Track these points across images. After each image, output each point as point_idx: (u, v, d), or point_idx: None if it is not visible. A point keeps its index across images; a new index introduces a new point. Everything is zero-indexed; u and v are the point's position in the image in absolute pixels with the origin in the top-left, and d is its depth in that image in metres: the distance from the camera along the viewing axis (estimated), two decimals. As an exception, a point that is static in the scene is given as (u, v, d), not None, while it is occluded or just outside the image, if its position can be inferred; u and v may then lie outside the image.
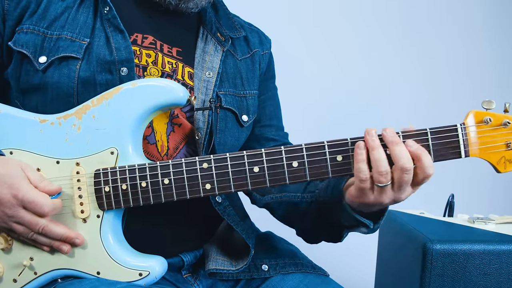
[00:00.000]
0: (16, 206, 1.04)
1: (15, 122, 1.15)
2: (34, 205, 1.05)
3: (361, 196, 1.07)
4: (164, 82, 1.14)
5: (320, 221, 1.27)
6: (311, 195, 1.28)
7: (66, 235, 1.10)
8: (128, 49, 1.21)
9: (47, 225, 1.07)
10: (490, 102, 1.06)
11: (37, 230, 1.07)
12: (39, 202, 1.05)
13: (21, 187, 1.04)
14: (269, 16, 2.66)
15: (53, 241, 1.10)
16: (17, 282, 1.14)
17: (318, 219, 1.28)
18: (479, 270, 1.49)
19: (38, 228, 1.07)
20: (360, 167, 1.04)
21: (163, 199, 1.11)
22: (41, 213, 1.06)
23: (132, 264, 1.12)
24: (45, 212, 1.06)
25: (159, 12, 1.31)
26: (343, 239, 1.27)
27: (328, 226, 1.26)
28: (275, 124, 1.51)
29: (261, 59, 1.47)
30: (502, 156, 1.06)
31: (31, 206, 1.05)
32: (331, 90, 2.89)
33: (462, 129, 1.06)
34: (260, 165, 1.09)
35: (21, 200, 1.04)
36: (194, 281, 1.29)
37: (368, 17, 2.91)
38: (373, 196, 1.05)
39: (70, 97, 1.16)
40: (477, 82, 2.94)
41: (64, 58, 1.17)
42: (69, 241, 1.10)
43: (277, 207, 1.37)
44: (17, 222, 1.06)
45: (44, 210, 1.06)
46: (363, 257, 2.51)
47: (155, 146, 1.22)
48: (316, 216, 1.27)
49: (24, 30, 1.20)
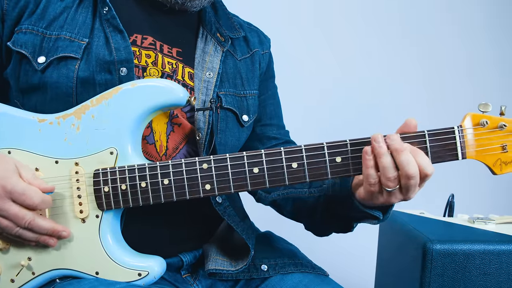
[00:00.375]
0: (4, 197, 1.02)
1: (14, 121, 1.15)
2: (24, 197, 1.03)
3: (371, 198, 1.09)
4: (164, 83, 1.14)
5: (329, 215, 1.28)
6: (319, 189, 1.29)
7: (53, 229, 1.08)
8: (127, 50, 1.20)
9: (33, 219, 1.05)
10: (486, 105, 1.08)
11: (23, 224, 1.04)
12: (29, 193, 1.03)
13: (11, 179, 1.03)
14: (269, 16, 2.66)
15: (40, 235, 1.08)
16: (15, 282, 1.14)
17: (327, 213, 1.28)
18: (479, 270, 1.50)
19: (25, 222, 1.04)
20: (369, 173, 1.05)
21: (163, 199, 1.10)
22: (30, 204, 1.04)
23: (131, 264, 1.12)
24: (35, 204, 1.04)
25: (159, 12, 1.31)
26: (353, 229, 1.29)
27: (338, 219, 1.27)
28: (276, 123, 1.51)
29: (261, 59, 1.47)
30: (498, 158, 1.08)
31: (20, 198, 1.03)
32: (331, 90, 2.89)
33: (459, 131, 1.07)
34: (260, 166, 1.09)
35: (10, 191, 1.02)
36: (193, 281, 1.29)
37: (368, 17, 2.91)
38: (383, 198, 1.08)
39: (69, 97, 1.16)
40: (477, 82, 2.95)
41: (63, 58, 1.17)
42: (56, 234, 1.09)
43: (285, 204, 1.37)
44: (2, 216, 1.04)
45: (35, 202, 1.04)
46: (363, 257, 2.51)
47: (153, 146, 1.22)
48: (325, 210, 1.28)
49: (23, 30, 1.19)
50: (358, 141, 1.07)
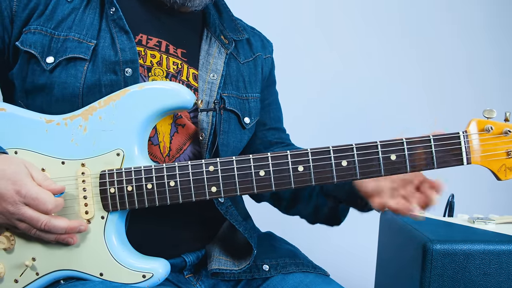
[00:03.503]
0: (19, 203, 1.03)
1: (21, 122, 1.15)
2: (38, 202, 1.04)
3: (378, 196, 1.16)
4: (171, 85, 1.14)
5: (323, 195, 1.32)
6: None
7: (70, 227, 1.08)
8: (132, 50, 1.21)
9: (49, 220, 1.06)
10: (491, 111, 1.08)
11: (39, 227, 1.06)
12: (42, 199, 1.04)
13: (25, 184, 1.04)
14: (269, 15, 2.66)
15: (58, 235, 1.09)
16: (18, 282, 1.13)
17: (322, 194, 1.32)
18: (479, 270, 1.50)
19: (40, 224, 1.05)
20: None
21: (169, 201, 1.11)
22: (44, 210, 1.05)
23: (136, 266, 1.12)
24: (48, 209, 1.05)
25: (164, 13, 1.32)
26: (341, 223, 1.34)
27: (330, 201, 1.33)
28: (279, 127, 1.53)
29: (263, 63, 1.48)
30: (503, 163, 1.09)
31: (34, 203, 1.04)
32: (330, 90, 2.89)
33: (464, 137, 1.09)
34: (266, 169, 1.09)
35: (24, 196, 1.03)
36: (196, 282, 1.30)
37: (368, 17, 2.91)
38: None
39: (75, 97, 1.17)
40: (477, 82, 2.95)
41: (72, 59, 1.18)
42: (74, 231, 1.09)
43: (283, 192, 1.39)
44: (19, 220, 1.05)
45: (48, 207, 1.05)
46: (363, 257, 2.51)
47: (158, 147, 1.23)
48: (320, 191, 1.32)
49: (31, 30, 1.20)
50: (364, 145, 1.08)
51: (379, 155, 1.08)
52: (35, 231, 1.07)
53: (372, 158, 1.08)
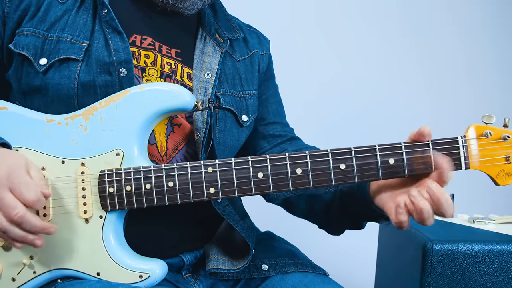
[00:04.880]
0: (3, 186, 1.00)
1: (22, 120, 1.15)
2: (22, 188, 1.00)
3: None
4: (171, 87, 1.15)
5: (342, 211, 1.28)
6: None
7: (43, 226, 1.04)
8: (126, 50, 1.21)
9: (25, 212, 1.01)
10: (490, 117, 1.08)
11: (13, 216, 1.00)
12: (28, 187, 1.01)
13: (18, 171, 1.02)
14: (269, 15, 2.66)
15: (27, 234, 1.04)
16: (16, 281, 1.14)
17: (341, 210, 1.28)
18: (479, 270, 1.50)
19: (15, 214, 1.00)
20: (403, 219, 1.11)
21: (167, 201, 1.11)
22: (27, 197, 1.00)
23: (133, 266, 1.12)
24: (30, 198, 1.00)
25: (157, 13, 1.32)
26: (364, 226, 1.29)
27: (350, 216, 1.27)
28: (280, 120, 1.51)
29: (260, 60, 1.48)
30: (501, 169, 1.09)
31: (18, 189, 1.00)
32: (330, 90, 2.89)
33: (463, 142, 1.08)
34: (264, 171, 1.09)
35: (12, 181, 1.00)
36: (194, 281, 1.30)
37: (368, 17, 2.91)
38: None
39: (70, 98, 1.17)
40: (477, 82, 2.95)
41: (65, 60, 1.18)
42: (43, 232, 1.05)
43: (297, 201, 1.37)
44: None
45: (31, 196, 1.00)
46: (363, 257, 2.51)
47: (155, 147, 1.23)
48: (339, 207, 1.28)
49: (24, 32, 1.20)
50: (362, 148, 1.08)
51: (378, 159, 1.08)
52: (5, 224, 1.01)
53: (370, 162, 1.08)
